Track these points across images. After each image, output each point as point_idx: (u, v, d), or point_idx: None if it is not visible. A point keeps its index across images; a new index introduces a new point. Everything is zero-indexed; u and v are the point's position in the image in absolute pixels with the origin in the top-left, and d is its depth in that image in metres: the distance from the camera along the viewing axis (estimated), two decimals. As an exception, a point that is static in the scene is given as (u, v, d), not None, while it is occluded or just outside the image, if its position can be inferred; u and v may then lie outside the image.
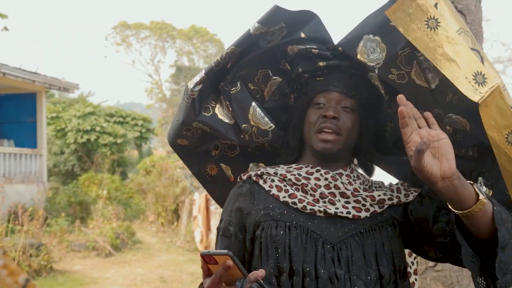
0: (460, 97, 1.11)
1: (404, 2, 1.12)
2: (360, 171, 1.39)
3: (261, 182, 1.32)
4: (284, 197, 1.27)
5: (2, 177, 10.67)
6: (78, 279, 7.29)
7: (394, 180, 1.42)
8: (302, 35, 1.30)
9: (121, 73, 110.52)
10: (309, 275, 1.18)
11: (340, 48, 1.27)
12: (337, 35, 1.30)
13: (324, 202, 1.25)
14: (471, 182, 1.09)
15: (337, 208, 1.24)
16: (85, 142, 15.22)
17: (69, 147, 15.49)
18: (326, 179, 1.28)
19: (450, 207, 1.10)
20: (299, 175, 1.30)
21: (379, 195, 1.27)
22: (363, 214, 1.24)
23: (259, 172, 1.34)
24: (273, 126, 1.38)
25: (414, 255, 1.48)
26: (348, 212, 1.23)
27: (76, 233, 9.61)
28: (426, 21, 1.11)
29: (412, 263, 1.50)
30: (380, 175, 1.46)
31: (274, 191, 1.29)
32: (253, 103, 1.38)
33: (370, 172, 1.40)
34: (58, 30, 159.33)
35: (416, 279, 1.50)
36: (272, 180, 1.31)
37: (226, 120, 1.39)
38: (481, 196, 1.06)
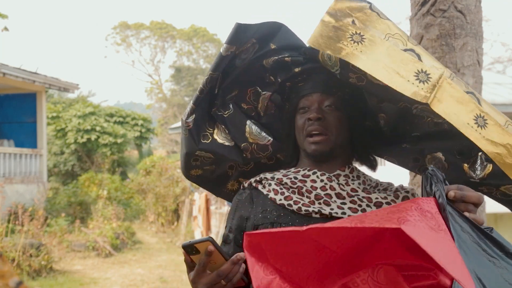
0: None
1: (321, 29, 1.13)
2: (363, 169, 1.39)
3: (260, 187, 1.34)
4: (280, 199, 1.28)
5: (2, 177, 10.67)
6: (78, 279, 7.29)
7: (404, 181, 1.42)
8: (272, 46, 1.32)
9: (121, 73, 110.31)
10: None
11: (306, 53, 1.29)
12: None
13: (320, 203, 1.25)
14: None
15: (332, 209, 1.24)
16: (85, 142, 15.23)
17: (69, 147, 15.50)
18: (322, 180, 1.29)
19: None
20: (295, 178, 1.31)
21: (376, 198, 1.27)
22: None
23: (258, 178, 1.36)
24: (271, 140, 1.41)
25: None
26: (344, 213, 1.23)
27: (76, 233, 9.61)
28: (350, 37, 1.11)
29: None
30: (389, 175, 1.46)
31: (271, 194, 1.30)
32: (248, 121, 1.41)
33: (373, 167, 1.40)
34: (58, 30, 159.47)
35: None
36: (270, 185, 1.32)
37: (227, 143, 1.42)
38: None
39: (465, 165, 1.27)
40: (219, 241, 1.22)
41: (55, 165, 15.98)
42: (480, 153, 1.23)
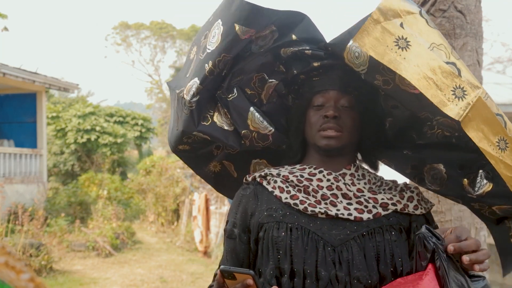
0: None
1: (368, 27, 1.11)
2: (367, 167, 1.38)
3: (264, 183, 1.32)
4: (286, 198, 1.26)
5: (2, 177, 10.66)
6: (78, 279, 7.28)
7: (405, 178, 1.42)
8: (293, 37, 1.29)
9: (121, 73, 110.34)
10: (310, 276, 1.18)
11: (329, 48, 1.26)
12: (334, 34, 1.29)
13: (326, 203, 1.24)
14: None
15: (338, 210, 1.23)
16: (85, 142, 15.23)
17: (69, 147, 15.50)
18: (328, 180, 1.28)
19: None
20: (302, 176, 1.30)
21: (382, 199, 1.26)
22: (365, 216, 1.23)
23: (263, 173, 1.34)
24: (273, 130, 1.38)
25: None
26: (350, 214, 1.23)
27: (76, 233, 9.59)
28: (395, 42, 1.09)
29: None
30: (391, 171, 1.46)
31: (277, 192, 1.29)
32: (251, 108, 1.38)
33: (375, 167, 1.40)
34: (58, 30, 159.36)
35: None
36: (275, 181, 1.31)
37: (226, 127, 1.39)
38: None
39: (465, 180, 1.25)
40: (221, 236, 1.23)
41: (55, 165, 15.97)
42: (481, 171, 1.22)
